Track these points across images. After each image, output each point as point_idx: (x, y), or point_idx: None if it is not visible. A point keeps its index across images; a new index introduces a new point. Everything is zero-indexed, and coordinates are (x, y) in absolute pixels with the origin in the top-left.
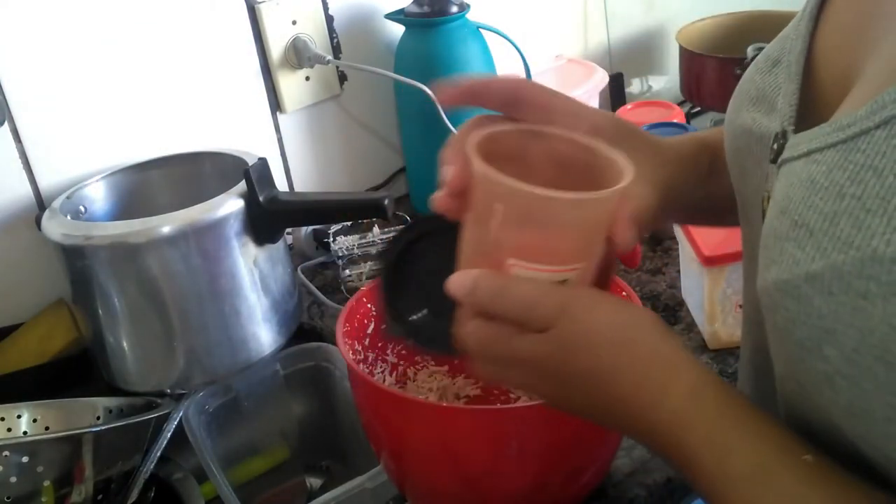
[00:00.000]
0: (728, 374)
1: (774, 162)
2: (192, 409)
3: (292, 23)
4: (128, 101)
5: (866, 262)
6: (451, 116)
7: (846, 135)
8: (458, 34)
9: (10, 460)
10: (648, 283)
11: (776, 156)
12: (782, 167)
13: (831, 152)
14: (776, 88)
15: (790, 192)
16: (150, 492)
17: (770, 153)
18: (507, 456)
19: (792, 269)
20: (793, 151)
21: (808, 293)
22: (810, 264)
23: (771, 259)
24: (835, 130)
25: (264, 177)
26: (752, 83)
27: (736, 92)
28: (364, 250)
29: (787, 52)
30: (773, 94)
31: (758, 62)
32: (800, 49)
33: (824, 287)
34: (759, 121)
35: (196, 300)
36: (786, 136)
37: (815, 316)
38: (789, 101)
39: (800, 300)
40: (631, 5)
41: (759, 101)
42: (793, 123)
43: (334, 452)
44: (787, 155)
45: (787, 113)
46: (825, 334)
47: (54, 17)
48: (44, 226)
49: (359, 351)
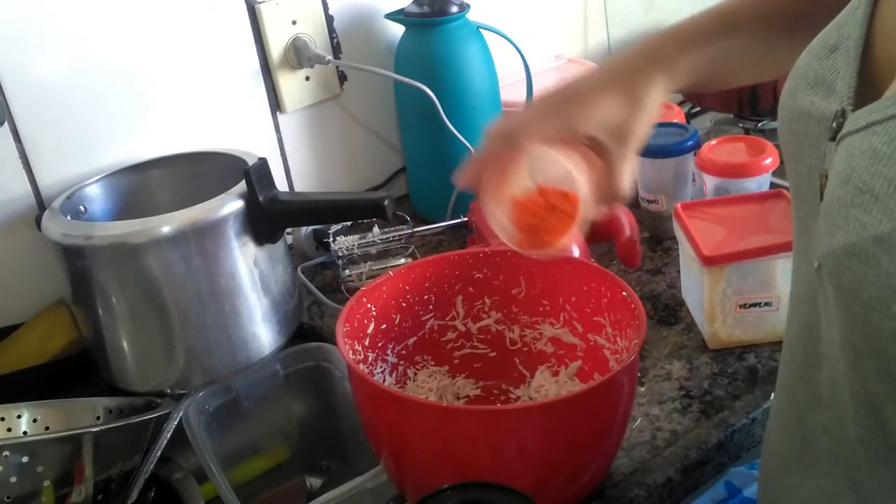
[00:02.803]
0: (728, 373)
1: (833, 139)
2: (192, 409)
3: (292, 23)
4: (128, 101)
5: None
6: (451, 116)
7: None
8: (458, 34)
9: (10, 460)
10: (648, 283)
11: (835, 134)
12: (841, 142)
13: (891, 124)
14: (835, 72)
15: (852, 163)
16: (150, 492)
17: (829, 132)
18: (507, 456)
19: (859, 232)
20: (852, 126)
21: (876, 254)
22: (878, 226)
23: (836, 225)
24: (893, 104)
25: (264, 177)
26: (809, 68)
27: (791, 77)
28: (364, 250)
29: (844, 38)
30: (832, 77)
31: (812, 49)
32: (858, 34)
33: (892, 247)
34: (818, 103)
35: (196, 300)
36: (845, 115)
37: (884, 276)
38: (848, 83)
39: (868, 261)
40: (631, 5)
41: (817, 85)
42: (852, 103)
43: (334, 452)
44: (846, 130)
45: (846, 94)
46: (893, 293)
47: (54, 16)
48: (44, 226)
49: (359, 351)
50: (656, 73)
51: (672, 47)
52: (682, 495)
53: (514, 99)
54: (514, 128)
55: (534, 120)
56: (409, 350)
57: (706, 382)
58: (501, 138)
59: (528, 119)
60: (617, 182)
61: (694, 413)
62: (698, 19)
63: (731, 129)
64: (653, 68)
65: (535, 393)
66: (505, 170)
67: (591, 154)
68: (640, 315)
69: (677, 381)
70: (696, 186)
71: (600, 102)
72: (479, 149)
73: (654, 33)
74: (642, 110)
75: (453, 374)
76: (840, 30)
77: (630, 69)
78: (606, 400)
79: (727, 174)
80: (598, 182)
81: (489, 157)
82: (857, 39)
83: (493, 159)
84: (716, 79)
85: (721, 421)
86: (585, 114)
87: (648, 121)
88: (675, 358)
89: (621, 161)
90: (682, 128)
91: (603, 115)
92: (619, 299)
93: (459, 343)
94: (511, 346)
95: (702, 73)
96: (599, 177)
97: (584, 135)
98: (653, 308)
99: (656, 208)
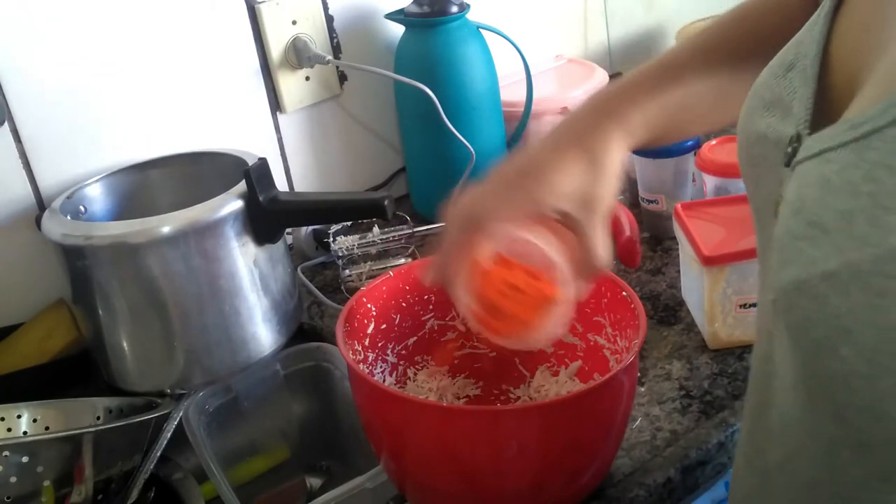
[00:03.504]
0: (728, 373)
1: (788, 165)
2: (192, 409)
3: (292, 23)
4: (128, 101)
5: (883, 259)
6: (451, 116)
7: (859, 133)
8: (458, 34)
9: (10, 460)
10: (648, 283)
11: (790, 159)
12: (796, 169)
13: (844, 151)
14: (792, 93)
15: (803, 192)
16: (150, 492)
17: (785, 157)
18: (507, 456)
19: (808, 268)
20: (806, 152)
21: (824, 292)
22: (827, 263)
23: (786, 259)
24: (847, 129)
25: (264, 177)
26: (766, 87)
27: (749, 95)
28: (364, 250)
29: (801, 56)
30: (789, 98)
31: (772, 66)
32: (815, 53)
33: (841, 285)
34: (774, 126)
35: (196, 300)
36: (800, 140)
37: (832, 315)
38: (805, 105)
39: (816, 299)
40: (631, 5)
41: (773, 106)
42: (808, 127)
43: (334, 452)
44: (800, 156)
45: (803, 116)
46: (842, 333)
47: (54, 16)
48: (44, 226)
49: (359, 351)
50: (612, 130)
51: (626, 103)
52: (682, 495)
53: (514, 99)
54: (477, 211)
55: (496, 199)
56: (409, 350)
57: (706, 382)
58: (465, 224)
59: (489, 199)
60: (592, 253)
61: (694, 413)
62: (646, 71)
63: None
64: (608, 125)
65: (535, 393)
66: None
67: (561, 228)
68: (640, 315)
69: (677, 381)
70: (696, 186)
71: (560, 171)
72: (441, 240)
73: (603, 89)
74: (604, 173)
75: (453, 374)
76: (798, 47)
77: (586, 129)
78: (606, 400)
79: (727, 174)
80: (573, 257)
81: (453, 248)
82: (813, 58)
83: (457, 249)
84: (671, 131)
85: (721, 421)
86: (547, 187)
87: (612, 182)
88: (675, 358)
89: (592, 231)
90: None
91: (565, 185)
92: (619, 299)
93: (459, 343)
94: None
95: (657, 127)
96: (573, 251)
97: (550, 209)
98: (653, 308)
99: (656, 208)
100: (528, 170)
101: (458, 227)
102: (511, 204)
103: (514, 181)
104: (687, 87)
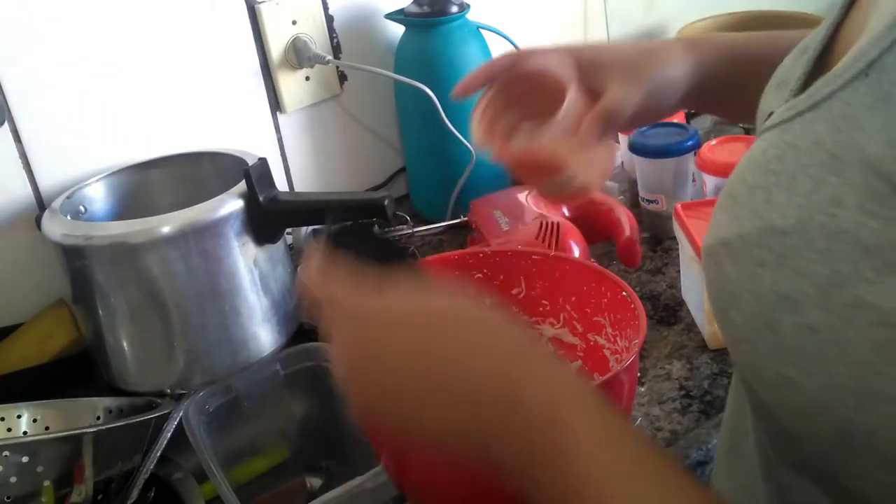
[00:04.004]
0: (728, 373)
1: None
2: (192, 409)
3: (292, 23)
4: (128, 101)
5: (765, 233)
6: (451, 116)
7: (787, 115)
8: (458, 34)
9: (10, 460)
10: (648, 283)
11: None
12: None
13: (773, 132)
14: (794, 72)
15: (741, 166)
16: (150, 492)
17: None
18: None
19: (714, 234)
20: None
21: (721, 258)
22: (726, 231)
23: (711, 225)
24: (785, 111)
25: (264, 177)
26: (781, 68)
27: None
28: None
29: (812, 41)
30: (791, 77)
31: (792, 51)
32: (822, 36)
33: (733, 253)
34: (770, 101)
35: (196, 300)
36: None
37: (727, 280)
38: (798, 81)
39: (717, 265)
40: (631, 5)
41: (781, 86)
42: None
43: (334, 452)
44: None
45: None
46: (731, 298)
47: (54, 16)
48: (44, 226)
49: None
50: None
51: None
52: None
53: None
54: (522, 52)
55: (546, 50)
56: None
57: (706, 382)
58: (507, 57)
59: (539, 48)
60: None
61: (694, 413)
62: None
63: (731, 129)
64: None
65: None
66: (504, 97)
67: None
68: (640, 315)
69: (677, 381)
70: (696, 186)
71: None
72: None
73: None
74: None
75: None
76: (816, 33)
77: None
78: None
79: (727, 174)
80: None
81: (491, 70)
82: (820, 41)
83: (496, 71)
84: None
85: (721, 421)
86: (597, 60)
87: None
88: (675, 358)
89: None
90: (682, 128)
91: (614, 60)
92: (619, 299)
93: None
94: None
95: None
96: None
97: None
98: (653, 308)
99: (656, 208)
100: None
101: (501, 58)
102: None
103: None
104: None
